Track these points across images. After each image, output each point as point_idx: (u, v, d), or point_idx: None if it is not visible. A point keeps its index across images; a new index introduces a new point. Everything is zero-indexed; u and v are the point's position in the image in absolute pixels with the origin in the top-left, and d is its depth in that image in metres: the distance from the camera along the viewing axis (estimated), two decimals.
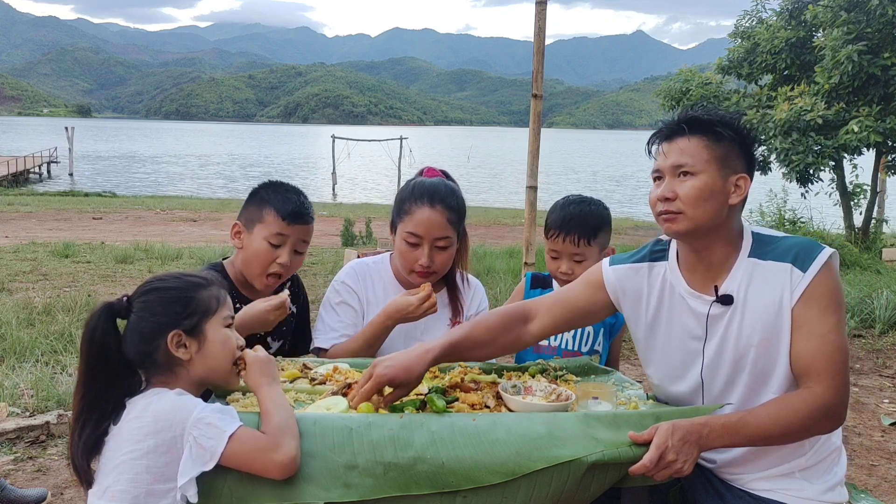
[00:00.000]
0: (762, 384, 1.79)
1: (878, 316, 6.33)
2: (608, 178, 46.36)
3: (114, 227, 14.43)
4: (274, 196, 2.23)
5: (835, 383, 1.67)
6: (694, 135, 1.75)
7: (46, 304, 6.07)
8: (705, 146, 1.74)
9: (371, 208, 20.51)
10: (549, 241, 2.36)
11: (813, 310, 1.70)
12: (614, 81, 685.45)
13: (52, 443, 3.62)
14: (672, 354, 1.92)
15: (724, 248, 1.80)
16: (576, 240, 2.29)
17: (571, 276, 2.29)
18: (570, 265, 2.33)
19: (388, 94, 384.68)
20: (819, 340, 1.68)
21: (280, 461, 1.40)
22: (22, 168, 31.71)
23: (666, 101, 11.95)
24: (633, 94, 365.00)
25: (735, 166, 1.76)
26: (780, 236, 1.81)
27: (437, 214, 2.21)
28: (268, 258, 2.20)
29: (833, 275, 1.73)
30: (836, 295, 1.71)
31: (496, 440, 1.52)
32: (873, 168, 11.46)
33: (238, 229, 2.27)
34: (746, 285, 1.77)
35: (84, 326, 1.54)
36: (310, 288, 7.56)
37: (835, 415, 1.69)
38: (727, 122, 1.76)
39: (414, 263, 2.25)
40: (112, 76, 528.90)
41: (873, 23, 9.41)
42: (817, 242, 1.76)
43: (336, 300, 2.37)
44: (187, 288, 1.57)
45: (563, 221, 2.31)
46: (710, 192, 1.73)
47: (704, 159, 1.73)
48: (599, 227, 2.32)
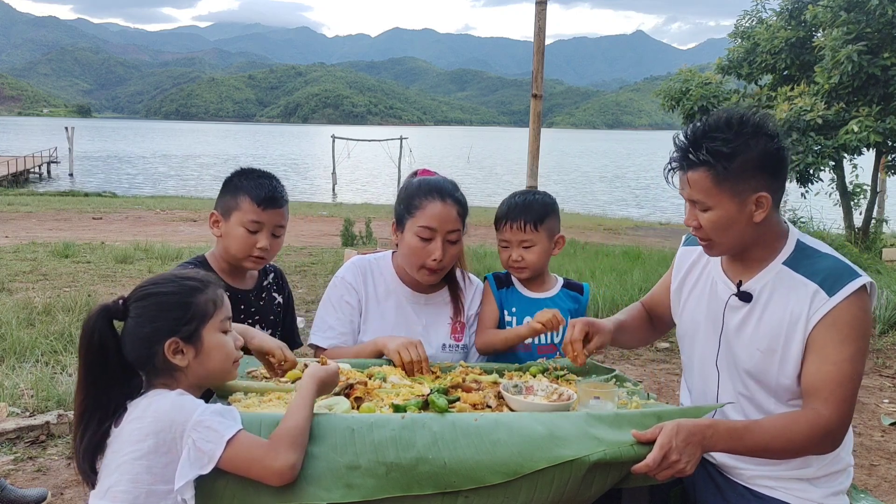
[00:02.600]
0: (762, 388, 1.80)
1: (878, 316, 6.33)
2: (609, 179, 46.36)
3: (114, 227, 14.42)
4: (247, 183, 2.27)
5: (839, 410, 1.67)
6: (701, 168, 1.70)
7: (46, 304, 6.06)
8: (712, 179, 1.69)
9: (371, 208, 20.49)
10: (499, 232, 2.43)
11: (833, 336, 1.67)
12: (614, 81, 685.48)
13: (52, 443, 3.62)
14: (692, 333, 1.96)
15: (762, 251, 1.80)
16: (522, 225, 2.35)
17: (522, 263, 2.37)
18: (520, 252, 2.38)
19: (388, 94, 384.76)
20: (833, 367, 1.67)
21: (278, 469, 1.39)
22: (22, 168, 31.69)
23: (666, 101, 11.96)
24: (632, 94, 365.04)
25: (750, 186, 1.70)
26: (823, 252, 1.77)
27: (449, 208, 2.25)
28: (247, 244, 2.25)
29: (863, 306, 1.68)
30: (860, 325, 1.68)
31: (498, 440, 1.52)
32: (873, 168, 11.47)
33: (216, 218, 2.32)
34: (771, 290, 1.77)
35: (81, 330, 1.53)
36: (310, 288, 7.60)
37: (834, 438, 1.70)
38: (729, 154, 1.67)
39: (426, 259, 2.25)
40: (112, 76, 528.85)
41: (873, 23, 9.41)
42: (853, 270, 1.71)
43: (335, 298, 2.38)
44: (184, 293, 1.56)
45: (508, 210, 2.39)
46: (728, 221, 1.72)
47: (715, 193, 1.70)
48: (545, 214, 2.38)
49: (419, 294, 2.40)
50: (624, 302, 6.40)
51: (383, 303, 2.37)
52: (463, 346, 2.41)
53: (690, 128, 1.76)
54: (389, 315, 2.36)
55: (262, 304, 2.42)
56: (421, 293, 2.40)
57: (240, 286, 2.36)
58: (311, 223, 15.89)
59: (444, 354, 2.36)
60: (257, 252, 2.25)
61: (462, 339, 2.41)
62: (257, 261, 2.29)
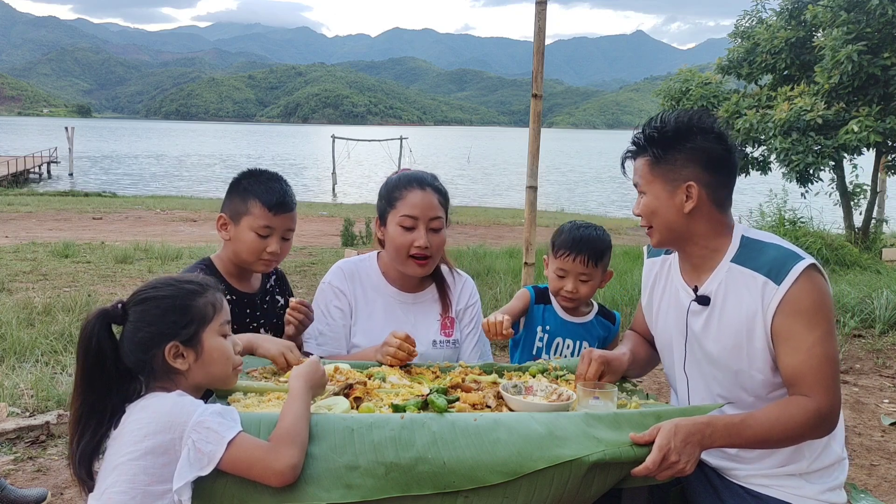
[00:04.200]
0: (739, 387, 1.83)
1: (878, 316, 6.32)
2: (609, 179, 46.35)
3: (114, 227, 14.42)
4: (257, 187, 2.25)
5: (827, 394, 1.70)
6: (640, 155, 1.86)
7: (46, 304, 6.06)
8: (648, 165, 1.84)
9: (371, 208, 20.22)
10: (559, 259, 2.43)
11: (796, 324, 1.71)
12: (614, 81, 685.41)
13: (52, 443, 3.62)
14: (667, 341, 2.00)
15: (702, 250, 1.85)
16: (585, 260, 2.39)
17: (574, 295, 2.41)
18: (576, 284, 2.41)
19: (387, 94, 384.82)
20: (805, 354, 1.70)
21: (279, 470, 1.39)
22: (22, 168, 31.69)
23: (666, 100, 11.95)
24: (632, 94, 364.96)
25: (681, 176, 1.80)
26: (766, 243, 1.81)
27: (429, 196, 2.28)
28: (258, 248, 2.24)
29: (814, 285, 1.72)
30: (819, 306, 1.71)
31: (497, 440, 1.52)
32: (873, 168, 11.46)
33: (224, 221, 2.30)
34: (725, 290, 1.81)
35: (80, 334, 1.52)
36: (310, 288, 7.60)
37: (828, 421, 1.72)
38: (664, 141, 1.81)
39: (410, 246, 2.26)
40: (112, 76, 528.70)
41: (873, 23, 9.41)
42: (796, 254, 1.76)
43: (324, 304, 2.39)
44: (183, 296, 1.55)
45: (574, 242, 2.40)
46: (658, 206, 1.83)
47: (650, 179, 1.83)
48: (605, 251, 2.44)
49: (406, 293, 2.41)
50: (624, 302, 6.41)
51: (371, 304, 2.38)
52: (454, 341, 2.42)
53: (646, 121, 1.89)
54: (378, 316, 2.37)
55: (266, 307, 2.42)
56: (408, 293, 2.41)
57: (246, 290, 2.36)
58: (311, 223, 15.89)
59: (435, 351, 2.37)
60: (267, 256, 2.25)
61: (452, 335, 2.42)
62: (267, 264, 2.29)
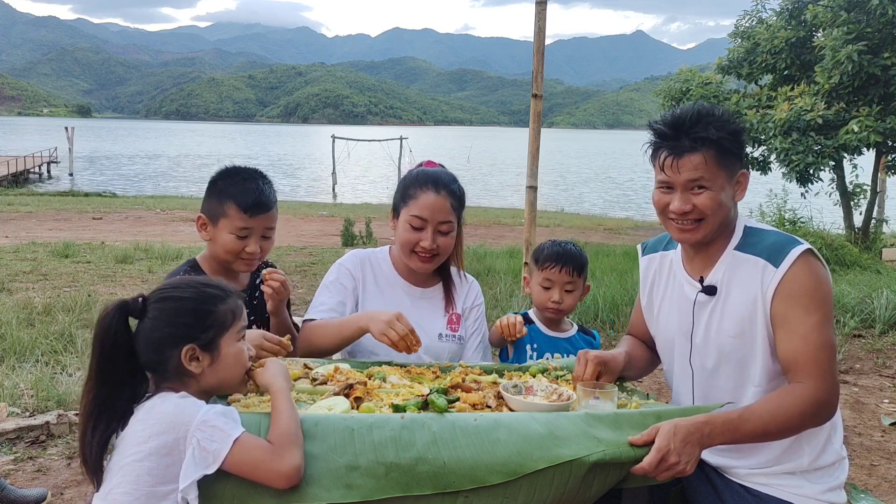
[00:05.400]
0: (744, 376, 1.84)
1: (878, 316, 6.32)
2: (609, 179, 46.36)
3: (114, 227, 14.42)
4: (232, 188, 2.21)
5: (824, 380, 1.70)
6: (703, 150, 1.78)
7: (46, 304, 6.06)
8: (714, 159, 1.78)
9: (371, 208, 20.49)
10: (545, 271, 2.51)
11: (793, 309, 1.72)
12: (614, 81, 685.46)
13: (52, 443, 3.62)
14: (670, 339, 2.00)
15: (719, 241, 1.87)
16: (570, 270, 2.50)
17: (560, 306, 2.49)
18: (562, 294, 2.50)
19: (388, 94, 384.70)
20: (801, 341, 1.71)
21: (285, 471, 1.39)
22: (22, 168, 31.70)
23: (666, 100, 11.96)
24: (632, 94, 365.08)
25: (735, 165, 1.82)
26: (766, 230, 1.85)
27: (442, 199, 2.30)
28: (237, 248, 2.23)
29: (812, 270, 1.73)
30: (815, 292, 1.73)
31: (497, 440, 1.52)
32: (873, 168, 11.46)
33: (203, 221, 2.28)
34: (729, 277, 1.83)
35: (97, 324, 1.51)
36: (310, 288, 7.59)
37: (826, 408, 1.73)
38: (731, 131, 1.80)
39: (415, 244, 2.30)
40: (112, 76, 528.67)
41: (873, 23, 9.42)
42: (795, 238, 1.79)
43: (331, 279, 2.43)
44: (205, 300, 1.55)
45: (558, 255, 2.52)
46: (724, 199, 1.80)
47: (714, 171, 1.79)
48: (585, 265, 2.58)
49: (415, 287, 2.45)
50: (624, 302, 6.40)
51: (380, 293, 2.42)
52: (459, 336, 2.46)
53: (677, 116, 1.82)
54: (387, 304, 2.38)
55: (256, 303, 2.41)
56: (417, 286, 2.45)
57: None
58: (311, 223, 15.90)
59: (440, 344, 2.40)
60: (246, 256, 2.24)
61: (458, 330, 2.46)
62: (248, 263, 2.28)
